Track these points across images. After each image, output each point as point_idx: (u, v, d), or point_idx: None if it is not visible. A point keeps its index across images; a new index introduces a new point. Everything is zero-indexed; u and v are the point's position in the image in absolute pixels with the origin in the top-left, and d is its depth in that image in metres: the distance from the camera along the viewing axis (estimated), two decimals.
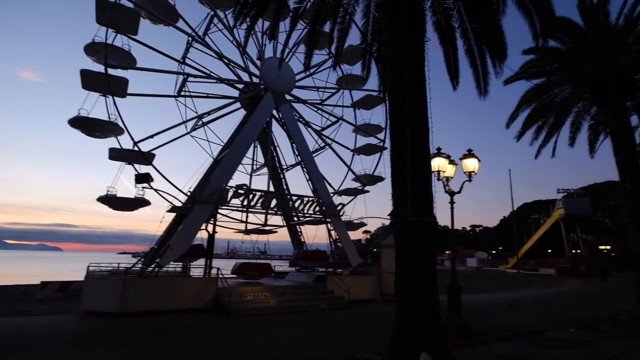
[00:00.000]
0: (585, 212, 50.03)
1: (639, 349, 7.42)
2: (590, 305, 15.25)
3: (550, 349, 7.35)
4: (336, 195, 20.01)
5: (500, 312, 12.68)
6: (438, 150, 9.21)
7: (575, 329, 9.73)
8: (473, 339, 8.06)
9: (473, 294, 20.07)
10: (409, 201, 5.37)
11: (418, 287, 5.14)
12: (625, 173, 12.15)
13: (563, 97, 14.28)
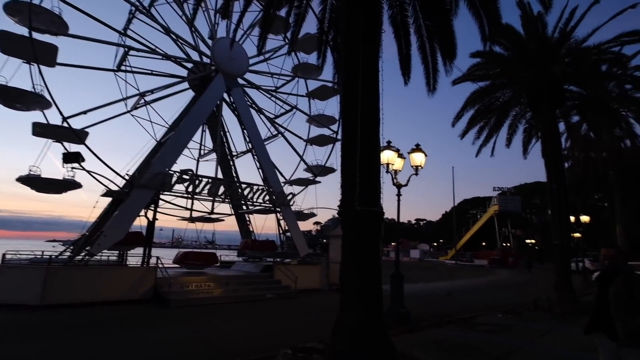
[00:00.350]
0: (516, 209, 54.92)
1: (554, 331, 8.28)
2: (516, 293, 16.76)
3: (481, 333, 7.94)
4: (287, 184, 19.84)
5: (438, 300, 13.48)
6: (388, 143, 9.43)
7: (503, 314, 10.61)
8: (413, 326, 8.46)
9: (414, 283, 21.12)
10: (357, 191, 5.40)
11: (363, 275, 5.21)
12: (552, 174, 13.38)
13: (503, 101, 15.32)
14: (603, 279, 3.52)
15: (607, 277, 3.47)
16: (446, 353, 6.25)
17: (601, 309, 3.45)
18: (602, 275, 3.57)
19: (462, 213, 79.16)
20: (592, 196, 38.42)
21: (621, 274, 3.40)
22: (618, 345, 3.28)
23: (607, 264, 3.55)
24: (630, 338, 3.19)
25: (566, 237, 12.46)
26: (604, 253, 3.59)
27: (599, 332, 3.48)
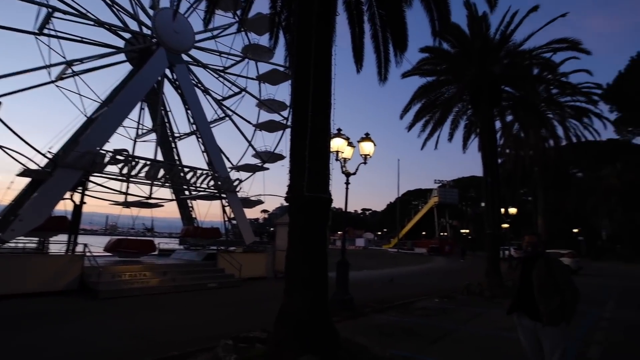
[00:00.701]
0: (453, 201, 58.92)
1: (484, 313, 8.96)
2: (451, 278, 17.97)
3: (420, 317, 8.34)
4: (234, 170, 19.19)
5: (381, 287, 13.98)
6: (338, 131, 9.41)
7: (439, 299, 11.27)
8: (356, 312, 8.65)
9: (359, 270, 21.78)
10: (306, 177, 5.27)
11: (309, 262, 5.12)
12: (487, 168, 14.39)
13: (448, 97, 16.07)
14: (526, 263, 3.74)
15: (530, 262, 3.69)
16: (387, 337, 6.44)
17: (523, 291, 3.67)
18: (525, 260, 3.78)
19: (406, 204, 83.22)
20: (519, 190, 42.36)
21: (542, 258, 3.65)
22: (539, 324, 3.51)
23: (530, 249, 3.73)
24: (550, 317, 3.45)
25: (497, 226, 13.53)
26: (527, 240, 3.79)
27: (519, 312, 3.71)
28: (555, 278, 3.54)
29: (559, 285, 3.53)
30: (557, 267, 3.63)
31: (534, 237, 3.85)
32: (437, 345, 5.99)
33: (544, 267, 3.59)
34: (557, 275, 3.56)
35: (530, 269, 3.65)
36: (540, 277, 3.57)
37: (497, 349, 5.95)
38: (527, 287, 3.62)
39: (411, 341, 6.21)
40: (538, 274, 3.59)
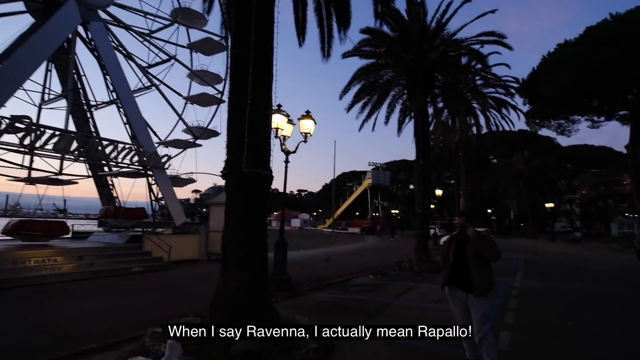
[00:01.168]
0: (386, 183, 62.00)
1: (415, 287, 9.54)
2: (383, 256, 18.95)
3: (356, 293, 8.60)
4: (162, 146, 17.74)
5: (318, 266, 14.19)
6: (279, 107, 9.06)
7: (373, 275, 11.77)
8: (294, 291, 8.62)
9: (295, 250, 21.96)
10: (245, 151, 4.93)
11: (247, 242, 4.86)
12: (420, 151, 15.16)
13: (386, 80, 16.47)
14: (459, 241, 3.98)
15: (462, 239, 3.95)
16: (326, 315, 6.50)
17: (457, 266, 3.94)
18: (458, 238, 4.02)
19: (341, 185, 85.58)
20: (444, 173, 45.92)
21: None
22: (471, 296, 3.81)
23: (462, 227, 4.02)
24: (482, 289, 3.75)
25: (427, 206, 14.43)
26: (458, 220, 4.12)
27: (452, 286, 4.00)
28: (483, 253, 3.82)
29: (488, 259, 3.84)
30: (488, 243, 3.91)
31: (463, 217, 4.16)
32: (373, 320, 6.19)
33: (477, 244, 3.86)
34: (495, 249, 3.88)
35: (464, 246, 3.90)
36: (473, 252, 3.83)
37: (424, 319, 6.32)
38: (461, 262, 3.88)
39: (349, 317, 6.34)
40: (472, 250, 3.84)
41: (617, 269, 15.32)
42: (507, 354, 4.63)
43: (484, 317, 3.78)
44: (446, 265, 4.11)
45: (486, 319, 3.79)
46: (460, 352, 4.18)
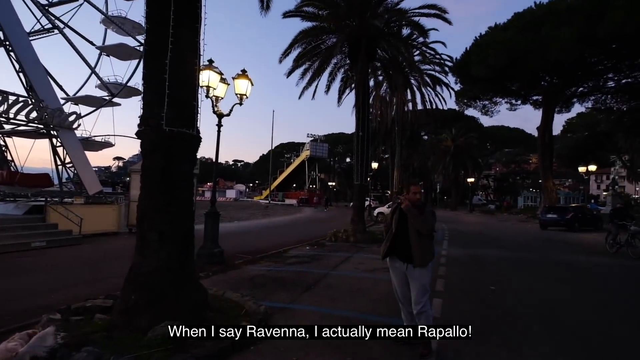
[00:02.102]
0: (323, 154, 62.44)
1: (351, 258, 9.59)
2: (319, 227, 19.05)
3: (292, 265, 8.34)
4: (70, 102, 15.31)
5: (253, 237, 13.71)
6: (210, 62, 8.09)
7: (310, 246, 11.66)
8: (227, 265, 8.09)
9: (230, 222, 21.17)
10: (166, 106, 4.15)
11: (168, 212, 4.18)
12: (360, 122, 15.08)
13: (328, 46, 15.88)
14: (402, 211, 3.81)
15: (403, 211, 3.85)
16: (261, 289, 6.12)
17: (399, 236, 3.83)
18: (400, 208, 3.85)
19: (278, 156, 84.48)
20: (380, 147, 47.44)
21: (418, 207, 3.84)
22: (411, 266, 3.72)
23: (418, 198, 3.94)
24: (422, 259, 3.66)
25: (365, 178, 14.57)
26: (414, 190, 3.97)
27: (392, 256, 3.91)
28: (427, 224, 3.77)
29: (429, 231, 3.80)
30: (430, 214, 3.86)
31: (417, 187, 4.01)
32: (310, 293, 5.98)
33: (420, 215, 3.78)
34: (429, 222, 3.80)
35: (406, 216, 3.78)
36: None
37: (361, 289, 6.29)
38: (403, 233, 3.79)
39: (285, 291, 6.05)
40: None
41: (525, 236, 17.20)
42: (440, 320, 4.70)
43: (423, 288, 3.71)
44: (388, 235, 3.98)
45: (425, 290, 3.72)
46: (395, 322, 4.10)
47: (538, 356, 3.75)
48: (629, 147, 27.92)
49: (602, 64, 29.44)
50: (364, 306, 5.31)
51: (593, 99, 35.71)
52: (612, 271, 9.23)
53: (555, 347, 3.99)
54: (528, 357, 3.73)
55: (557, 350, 3.92)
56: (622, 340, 4.35)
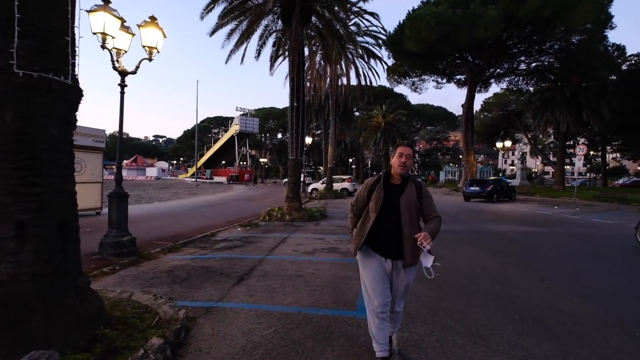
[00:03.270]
0: (254, 129, 59.95)
1: (288, 239, 8.82)
2: (251, 205, 17.97)
3: (221, 251, 7.30)
4: None
5: (175, 220, 12.21)
6: (105, 2, 6.40)
7: (242, 227, 10.64)
8: (140, 255, 6.78)
9: (148, 203, 19.03)
10: (16, 38, 2.79)
11: (33, 195, 2.91)
12: (294, 91, 14.07)
13: (258, 3, 14.35)
14: (391, 187, 3.08)
15: (396, 187, 3.14)
16: (181, 285, 5.07)
17: (382, 222, 3.02)
18: (389, 183, 3.06)
19: (205, 131, 79.69)
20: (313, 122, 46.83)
21: (411, 181, 2.89)
22: (400, 264, 3.06)
23: (407, 164, 3.14)
24: (415, 257, 3.04)
25: (300, 153, 13.75)
26: (401, 151, 2.90)
27: (368, 249, 3.17)
28: (423, 206, 2.81)
29: (425, 215, 2.82)
30: (426, 192, 2.87)
31: (409, 148, 2.86)
32: (243, 285, 5.09)
33: (414, 192, 2.79)
34: (427, 203, 2.82)
35: (396, 193, 2.77)
36: (411, 206, 2.75)
37: (302, 276, 5.59)
38: (389, 218, 2.72)
39: (213, 284, 5.08)
40: (408, 201, 2.75)
41: (454, 208, 18.08)
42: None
43: (409, 287, 2.90)
44: (363, 220, 2.85)
45: (408, 290, 2.92)
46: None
47: (504, 343, 3.38)
48: (536, 125, 31.03)
49: (517, 47, 32.00)
50: (308, 297, 4.59)
51: (507, 80, 39.06)
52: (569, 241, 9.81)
53: (522, 329, 3.69)
54: (495, 345, 3.34)
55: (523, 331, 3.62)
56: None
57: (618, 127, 33.00)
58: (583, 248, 8.20)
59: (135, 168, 70.46)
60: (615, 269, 6.39)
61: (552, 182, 38.09)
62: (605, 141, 40.07)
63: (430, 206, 2.81)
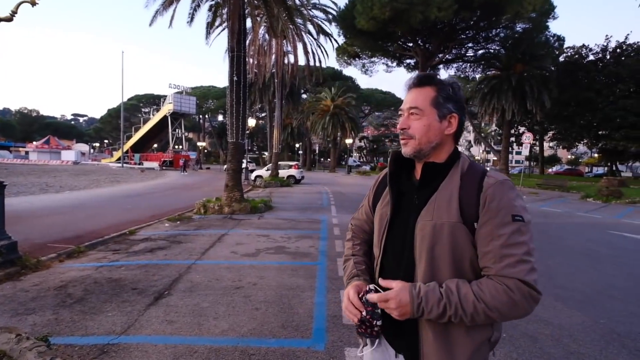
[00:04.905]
0: (191, 110, 56.32)
1: (226, 236, 7.73)
2: (186, 195, 16.40)
3: (139, 255, 6.05)
4: None
5: (86, 214, 10.46)
6: None
7: (171, 222, 9.34)
8: (22, 263, 5.35)
9: (57, 192, 16.59)
10: None
11: None
12: (234, 63, 12.71)
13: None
14: (406, 186, 2.18)
15: (412, 184, 2.19)
16: (73, 308, 3.87)
17: (391, 269, 2.11)
18: (397, 178, 2.22)
19: (134, 110, 73.75)
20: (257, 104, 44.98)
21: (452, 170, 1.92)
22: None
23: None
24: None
25: (241, 135, 12.52)
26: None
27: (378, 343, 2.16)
28: (482, 239, 1.10)
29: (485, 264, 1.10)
30: (499, 204, 1.09)
31: (420, 88, 1.23)
32: (161, 305, 4.02)
33: (456, 200, 1.13)
34: (492, 232, 1.08)
35: (413, 204, 1.22)
36: (442, 237, 1.12)
37: (241, 288, 4.66)
38: (399, 260, 1.21)
39: (118, 305, 3.95)
40: (435, 225, 1.13)
41: None
42: None
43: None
44: (356, 263, 1.37)
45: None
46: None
47: None
48: (483, 112, 32.43)
49: (465, 34, 33.03)
50: (248, 320, 3.67)
51: (455, 67, 40.41)
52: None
53: (516, 354, 3.11)
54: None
55: (518, 357, 3.04)
56: None
57: (555, 116, 35.72)
58: (542, 240, 8.18)
59: (47, 151, 63.35)
60: (581, 264, 6.28)
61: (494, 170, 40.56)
62: (543, 130, 43.40)
63: (500, 246, 1.05)
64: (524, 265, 1.04)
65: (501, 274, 1.04)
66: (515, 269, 1.03)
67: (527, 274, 1.03)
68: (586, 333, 3.57)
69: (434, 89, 1.19)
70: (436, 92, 1.19)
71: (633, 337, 3.52)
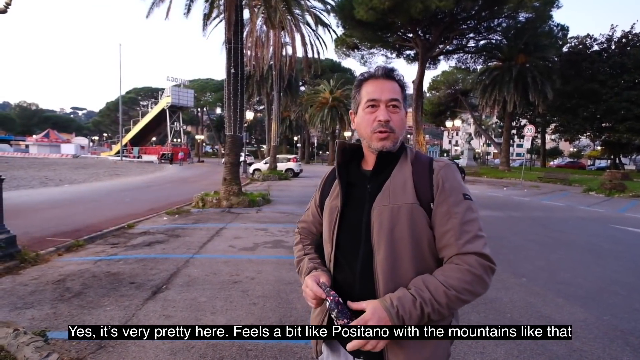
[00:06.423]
0: (189, 103, 56.06)
1: (224, 230, 7.75)
2: (184, 188, 16.41)
3: (137, 249, 6.07)
4: None
5: (86, 207, 10.47)
6: None
7: (169, 216, 9.36)
8: (21, 257, 5.37)
9: (57, 186, 16.63)
10: None
11: None
12: (232, 54, 12.62)
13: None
14: (352, 188, 2.25)
15: (364, 176, 2.24)
16: (71, 303, 3.90)
17: (346, 263, 2.17)
18: (348, 166, 2.29)
19: (132, 103, 73.48)
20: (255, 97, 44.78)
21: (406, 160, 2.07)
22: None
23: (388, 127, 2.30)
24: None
25: (239, 128, 12.48)
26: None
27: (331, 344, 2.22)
28: (438, 220, 1.15)
29: (443, 245, 1.14)
30: (452, 186, 1.17)
31: (393, 82, 1.24)
32: (158, 300, 4.04)
33: (411, 185, 1.18)
34: (448, 212, 1.14)
35: (365, 192, 1.23)
36: (400, 221, 1.14)
37: (240, 282, 4.68)
38: (354, 250, 1.20)
39: (116, 300, 3.97)
40: (393, 209, 1.15)
41: None
42: None
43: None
44: (310, 260, 1.34)
45: None
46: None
47: None
48: (484, 104, 32.28)
49: (466, 24, 32.69)
50: (246, 315, 3.70)
51: (456, 58, 40.11)
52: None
53: (517, 352, 3.14)
54: None
55: (519, 354, 3.07)
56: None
57: (558, 108, 35.52)
58: (544, 234, 8.18)
59: (47, 144, 63.30)
60: (583, 259, 6.28)
61: (495, 163, 40.51)
62: (546, 122, 43.24)
63: (458, 224, 1.11)
64: (480, 240, 1.11)
65: (462, 251, 1.08)
66: (473, 244, 1.09)
67: (484, 247, 1.10)
68: (589, 330, 3.57)
69: (399, 84, 1.25)
70: (400, 86, 1.25)
71: (637, 334, 3.51)
